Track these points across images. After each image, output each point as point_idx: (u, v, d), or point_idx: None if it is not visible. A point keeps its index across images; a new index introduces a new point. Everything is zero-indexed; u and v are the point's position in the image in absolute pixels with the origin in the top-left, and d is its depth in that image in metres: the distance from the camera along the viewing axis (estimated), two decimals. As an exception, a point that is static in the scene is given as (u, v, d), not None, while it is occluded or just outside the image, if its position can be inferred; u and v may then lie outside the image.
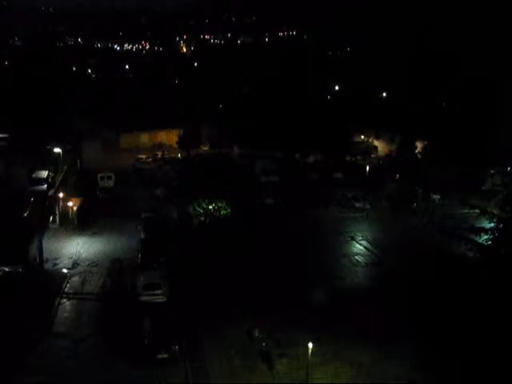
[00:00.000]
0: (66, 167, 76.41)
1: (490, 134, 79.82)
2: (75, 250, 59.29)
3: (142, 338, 39.67)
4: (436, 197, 77.75)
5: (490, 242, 42.27)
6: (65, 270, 53.85)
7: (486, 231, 42.75)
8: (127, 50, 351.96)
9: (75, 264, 55.61)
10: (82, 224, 66.48)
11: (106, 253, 58.63)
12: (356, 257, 58.69)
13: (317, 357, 36.98)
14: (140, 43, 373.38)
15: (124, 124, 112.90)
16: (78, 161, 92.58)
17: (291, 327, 42.14)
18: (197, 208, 65.86)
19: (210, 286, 49.49)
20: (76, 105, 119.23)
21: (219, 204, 65.89)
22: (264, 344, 40.03)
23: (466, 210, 58.38)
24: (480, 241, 43.08)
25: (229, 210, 66.04)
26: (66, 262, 56.02)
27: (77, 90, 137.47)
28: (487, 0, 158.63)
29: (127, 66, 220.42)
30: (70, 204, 68.43)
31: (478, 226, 45.13)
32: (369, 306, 46.25)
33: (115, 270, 54.51)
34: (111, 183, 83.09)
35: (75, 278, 52.43)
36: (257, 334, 40.95)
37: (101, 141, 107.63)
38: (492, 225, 42.49)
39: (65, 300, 48.23)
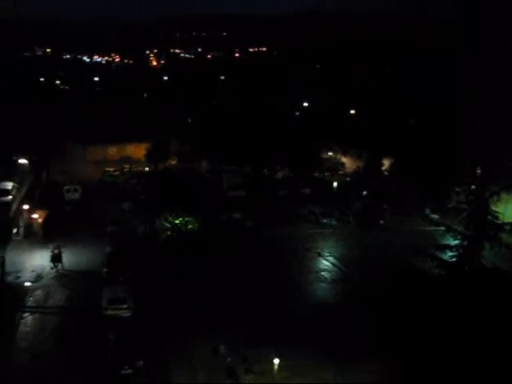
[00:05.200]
0: (31, 179, 75.29)
1: (456, 153, 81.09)
2: (39, 263, 58.11)
3: (106, 353, 39.05)
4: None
5: (454, 259, 42.79)
6: (27, 284, 52.77)
7: (450, 248, 43.29)
8: (96, 62, 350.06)
9: (38, 277, 54.48)
10: (47, 237, 65.36)
11: (70, 266, 57.65)
12: (323, 273, 58.78)
13: (283, 372, 36.89)
14: (110, 55, 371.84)
15: (92, 136, 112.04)
16: (45, 173, 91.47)
17: (257, 343, 41.84)
18: (163, 222, 65.46)
19: (176, 300, 49.01)
20: (44, 116, 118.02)
21: (186, 219, 65.59)
22: (229, 360, 39.74)
23: (433, 228, 59.13)
24: (445, 258, 43.55)
25: (196, 225, 65.78)
26: (29, 275, 54.84)
27: (44, 101, 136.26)
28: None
29: (96, 78, 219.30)
30: (35, 216, 67.34)
31: (444, 243, 45.72)
32: (334, 322, 46.30)
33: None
34: (77, 196, 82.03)
35: (38, 292, 51.40)
36: (222, 350, 40.62)
37: (68, 153, 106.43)
38: (457, 242, 43.02)
39: (27, 314, 47.21)
